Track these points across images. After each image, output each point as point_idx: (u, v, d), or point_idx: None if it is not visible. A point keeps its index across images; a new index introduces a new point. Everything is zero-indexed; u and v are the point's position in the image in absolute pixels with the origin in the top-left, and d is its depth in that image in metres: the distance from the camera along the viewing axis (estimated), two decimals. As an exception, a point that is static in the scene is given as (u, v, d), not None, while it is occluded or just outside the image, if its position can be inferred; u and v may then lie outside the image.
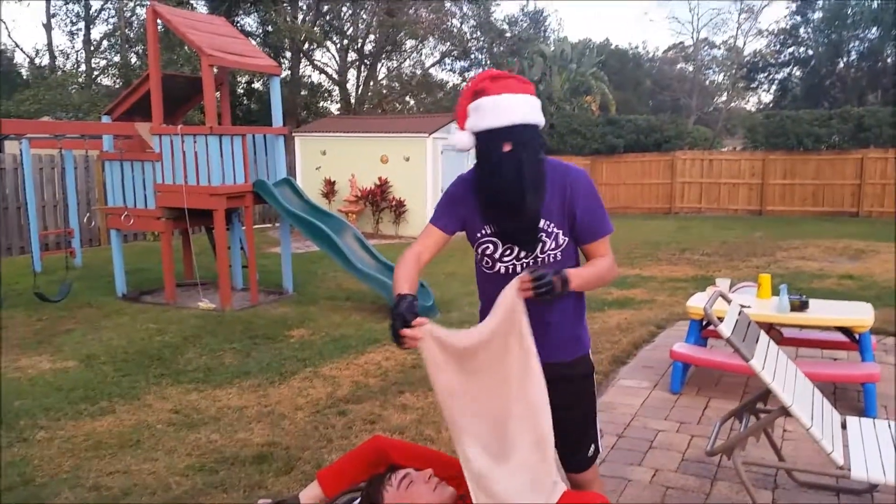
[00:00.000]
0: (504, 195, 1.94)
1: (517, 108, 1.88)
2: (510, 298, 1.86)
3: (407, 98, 29.80)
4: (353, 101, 26.26)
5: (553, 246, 2.07)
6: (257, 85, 23.74)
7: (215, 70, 8.04)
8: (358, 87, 27.01)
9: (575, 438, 2.23)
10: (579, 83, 23.89)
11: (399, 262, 2.10)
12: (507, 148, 1.89)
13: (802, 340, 4.81)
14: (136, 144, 8.22)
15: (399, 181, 14.59)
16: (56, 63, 24.01)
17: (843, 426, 2.79)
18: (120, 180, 8.08)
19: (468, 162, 16.47)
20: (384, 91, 28.12)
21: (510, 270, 2.12)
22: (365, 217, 14.85)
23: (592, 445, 2.27)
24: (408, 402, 4.50)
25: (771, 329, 4.46)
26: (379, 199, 14.63)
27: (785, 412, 2.56)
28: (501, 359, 1.85)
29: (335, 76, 26.78)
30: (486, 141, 1.94)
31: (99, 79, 23.11)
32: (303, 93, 25.39)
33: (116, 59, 22.33)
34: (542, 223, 2.03)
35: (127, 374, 5.30)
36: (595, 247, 2.10)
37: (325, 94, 27.73)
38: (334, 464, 2.21)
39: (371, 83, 27.31)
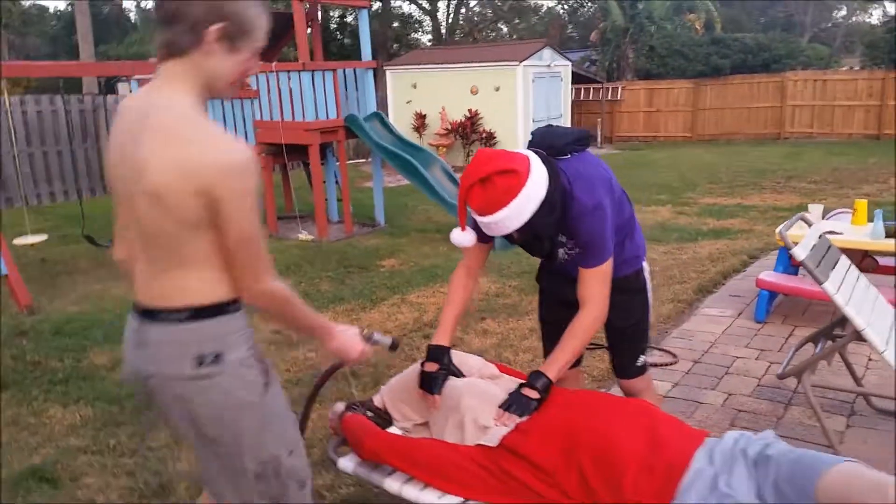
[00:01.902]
0: (524, 248, 2.24)
1: (510, 221, 1.96)
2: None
3: (500, 24, 29.14)
4: (443, 31, 25.95)
5: (570, 251, 2.22)
6: (349, 19, 23.85)
7: (306, 6, 8.20)
8: (448, 15, 26.62)
9: (627, 347, 2.42)
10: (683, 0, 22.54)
11: (449, 287, 2.37)
12: (516, 235, 2.06)
13: (901, 269, 4.58)
14: (234, 83, 8.56)
15: (489, 112, 14.50)
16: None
17: (926, 353, 2.71)
18: (221, 118, 8.48)
19: (563, 90, 16.08)
20: (475, 18, 27.59)
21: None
22: (455, 150, 14.91)
23: (642, 356, 2.42)
24: (489, 327, 4.67)
25: (865, 257, 4.28)
26: (469, 132, 14.63)
27: (858, 336, 2.53)
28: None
29: (426, 6, 26.47)
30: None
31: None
32: (394, 25, 25.31)
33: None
34: (558, 238, 2.18)
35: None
36: (581, 275, 2.16)
37: (416, 25, 27.54)
38: None
39: (462, 10, 26.84)
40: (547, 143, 2.12)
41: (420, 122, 15.22)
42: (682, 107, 19.05)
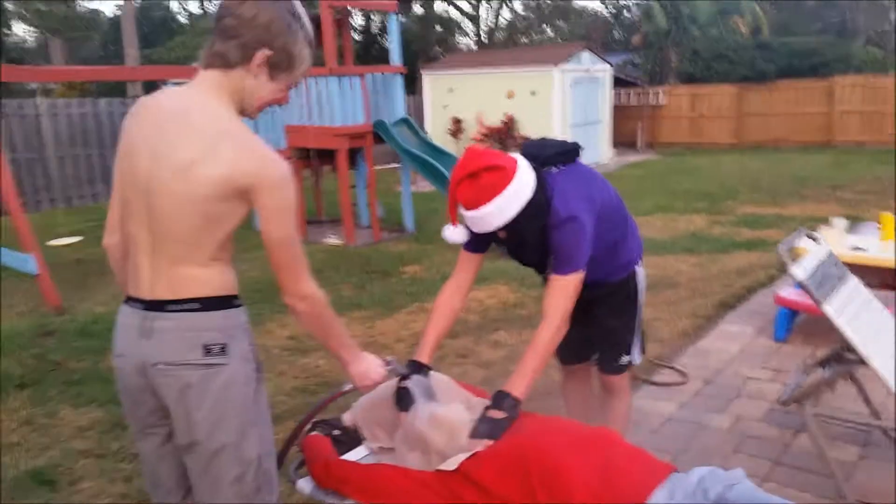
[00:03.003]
0: (513, 256, 2.33)
1: (495, 217, 2.02)
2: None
3: (544, 26, 28.96)
4: (483, 34, 25.90)
5: None
6: (392, 23, 23.94)
7: (336, 11, 8.25)
8: (497, 15, 26.58)
9: (610, 343, 2.51)
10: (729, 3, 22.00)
11: (436, 303, 2.34)
12: (501, 235, 2.11)
13: (936, 289, 4.34)
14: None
15: (526, 117, 14.39)
16: (205, 6, 25.48)
17: (942, 383, 2.56)
18: (253, 122, 8.60)
19: (603, 94, 15.85)
20: (517, 23, 27.49)
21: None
22: (492, 154, 14.81)
23: (625, 356, 2.49)
24: (501, 339, 4.61)
25: None
26: (505, 137, 14.56)
27: (862, 362, 2.41)
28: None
29: (468, 9, 26.48)
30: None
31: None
32: (438, 28, 25.34)
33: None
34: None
35: (255, 302, 5.77)
36: (549, 283, 2.17)
37: (458, 28, 27.53)
38: None
39: (500, 14, 26.78)
40: (532, 153, 2.18)
41: (456, 127, 15.21)
42: (726, 112, 18.59)
